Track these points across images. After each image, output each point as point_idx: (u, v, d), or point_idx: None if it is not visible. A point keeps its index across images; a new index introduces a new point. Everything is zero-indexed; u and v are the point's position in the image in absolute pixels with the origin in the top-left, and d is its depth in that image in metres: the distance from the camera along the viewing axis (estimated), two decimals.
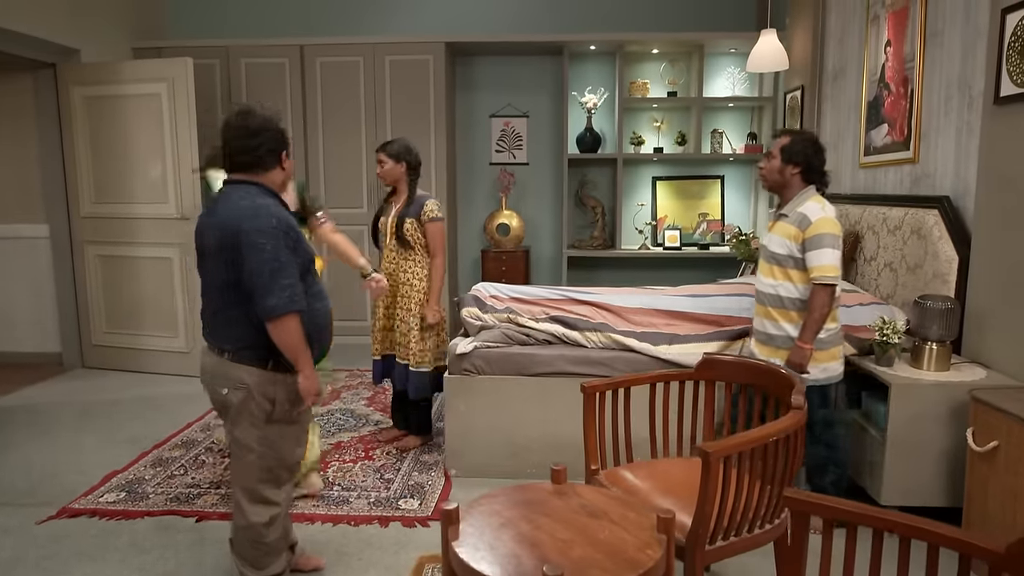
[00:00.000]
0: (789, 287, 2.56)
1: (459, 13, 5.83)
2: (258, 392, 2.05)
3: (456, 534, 1.53)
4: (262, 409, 2.07)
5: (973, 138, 2.97)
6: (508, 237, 5.72)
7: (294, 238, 2.01)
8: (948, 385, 2.56)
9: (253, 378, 2.04)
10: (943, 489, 2.59)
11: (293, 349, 2.00)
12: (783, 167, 2.58)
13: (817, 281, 2.44)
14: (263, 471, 2.12)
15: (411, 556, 2.56)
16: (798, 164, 2.55)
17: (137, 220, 4.83)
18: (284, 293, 1.94)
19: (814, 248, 2.45)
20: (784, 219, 2.58)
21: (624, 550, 1.46)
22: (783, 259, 2.55)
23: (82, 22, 4.87)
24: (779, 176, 2.60)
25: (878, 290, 3.52)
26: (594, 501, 1.68)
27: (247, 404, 2.06)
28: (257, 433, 2.08)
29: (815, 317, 2.45)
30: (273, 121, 2.07)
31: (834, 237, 2.46)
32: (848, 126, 4.17)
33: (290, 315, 1.96)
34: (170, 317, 4.84)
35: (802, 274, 2.52)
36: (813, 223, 2.46)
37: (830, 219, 2.48)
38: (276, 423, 2.10)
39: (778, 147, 2.60)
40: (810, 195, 2.57)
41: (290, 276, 1.96)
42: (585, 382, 2.28)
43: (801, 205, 2.54)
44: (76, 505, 2.95)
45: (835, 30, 4.38)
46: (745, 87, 5.63)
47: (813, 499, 1.45)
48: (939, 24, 3.23)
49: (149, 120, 4.69)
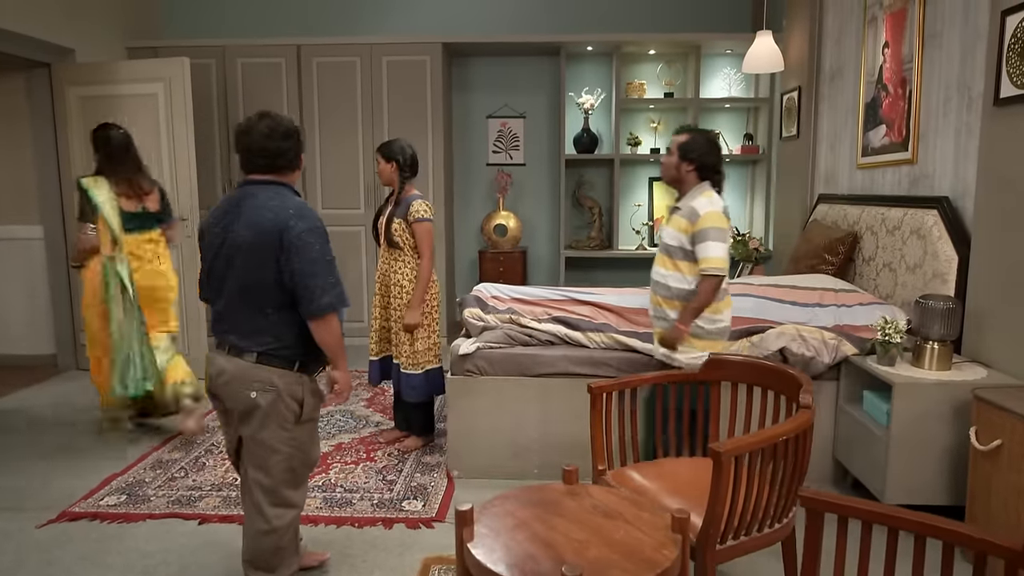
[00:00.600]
0: (678, 277, 2.67)
1: (455, 14, 5.83)
2: (287, 394, 2.07)
3: (471, 535, 1.53)
4: (291, 410, 2.09)
5: (972, 139, 3.00)
6: (505, 238, 5.72)
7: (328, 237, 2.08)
8: (950, 384, 2.57)
9: (282, 380, 2.05)
10: (946, 487, 2.61)
11: (335, 346, 2.08)
12: (679, 164, 2.69)
13: (704, 272, 2.55)
14: (288, 472, 2.13)
15: (416, 558, 2.56)
16: (692, 161, 2.66)
17: None
18: (335, 290, 2.02)
19: (701, 241, 2.56)
20: (678, 212, 2.69)
21: (640, 550, 1.46)
22: (674, 251, 2.67)
23: (77, 22, 4.83)
24: (676, 172, 2.71)
25: (877, 290, 3.54)
26: (607, 501, 1.68)
27: (276, 406, 2.06)
28: (286, 435, 2.10)
29: (697, 303, 2.59)
30: (296, 125, 2.16)
31: (719, 230, 2.56)
32: (846, 127, 4.20)
33: (336, 313, 2.04)
34: None
35: (690, 265, 2.64)
36: (701, 216, 2.57)
37: (716, 213, 2.57)
38: (304, 423, 2.13)
39: (676, 144, 2.71)
40: (702, 190, 2.66)
41: (336, 273, 2.05)
42: (592, 382, 2.29)
43: (693, 200, 2.64)
44: (76, 509, 2.93)
45: (832, 31, 4.40)
46: (741, 88, 5.66)
47: (828, 498, 1.45)
48: (938, 26, 3.25)
49: (146, 121, 4.64)
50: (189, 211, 4.62)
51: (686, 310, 2.60)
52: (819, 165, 4.59)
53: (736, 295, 3.40)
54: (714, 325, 2.68)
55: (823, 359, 2.96)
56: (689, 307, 2.60)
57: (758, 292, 3.41)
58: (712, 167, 2.67)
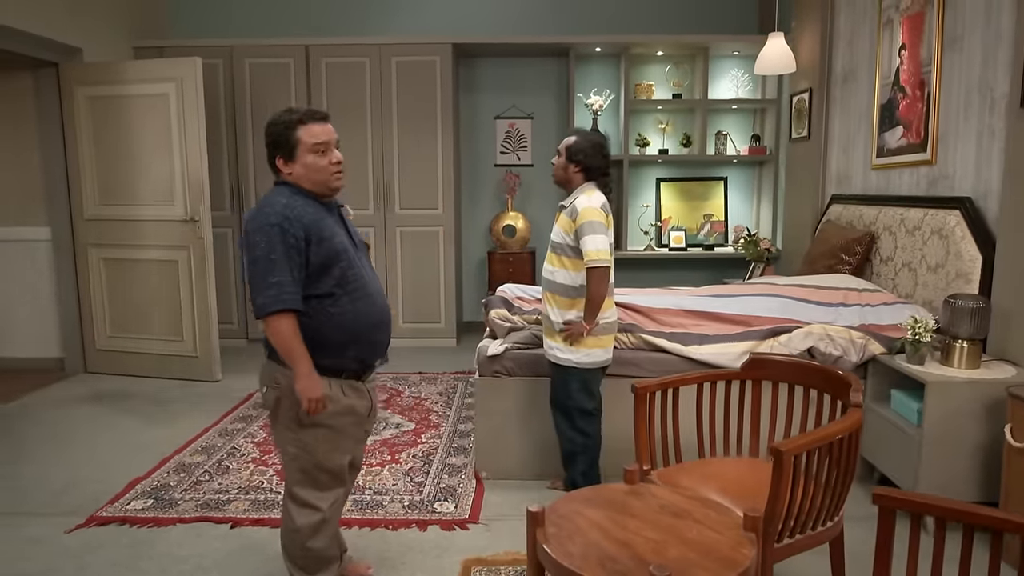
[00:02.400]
0: (563, 274, 2.74)
1: (463, 14, 5.82)
2: (289, 392, 2.00)
3: (545, 536, 1.53)
4: (294, 410, 2.02)
5: (995, 141, 3.04)
6: (514, 239, 5.72)
7: (301, 235, 1.91)
8: (981, 383, 2.61)
9: (286, 379, 2.00)
10: (978, 484, 2.64)
11: (284, 350, 1.92)
12: (567, 165, 2.76)
13: (588, 265, 2.60)
14: (300, 473, 2.09)
15: (454, 560, 2.55)
16: (579, 163, 2.73)
17: (142, 222, 4.75)
18: (270, 291, 1.88)
19: (583, 235, 2.62)
20: (563, 211, 2.77)
21: (718, 549, 1.47)
22: (560, 248, 2.75)
23: (84, 21, 4.77)
24: (563, 173, 2.79)
25: (896, 290, 3.58)
26: (674, 501, 1.69)
27: (280, 405, 2.04)
28: (291, 435, 2.05)
29: (589, 298, 2.63)
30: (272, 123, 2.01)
31: (596, 224, 2.62)
32: (859, 128, 4.24)
33: (278, 315, 1.89)
34: (176, 320, 4.77)
35: (573, 262, 2.71)
36: (580, 212, 2.65)
37: (594, 208, 2.65)
38: (309, 427, 2.04)
39: (564, 147, 2.78)
40: (584, 190, 2.73)
41: (280, 274, 1.88)
42: (637, 382, 2.29)
43: (575, 199, 2.72)
44: (104, 513, 2.90)
45: (844, 33, 4.45)
46: (748, 90, 5.70)
47: (901, 495, 1.47)
48: (958, 29, 3.30)
49: (156, 121, 4.61)
50: (201, 212, 4.58)
51: (585, 310, 2.66)
52: (831, 166, 4.63)
53: (760, 295, 3.43)
54: (602, 321, 2.72)
55: (851, 358, 2.99)
56: (586, 306, 2.65)
57: (782, 292, 3.43)
58: (598, 169, 2.74)
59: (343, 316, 2.01)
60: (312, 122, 1.99)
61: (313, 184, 2.02)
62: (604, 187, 2.79)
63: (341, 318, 2.00)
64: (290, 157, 2.00)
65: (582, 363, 2.71)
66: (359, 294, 2.04)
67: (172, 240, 4.70)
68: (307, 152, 1.99)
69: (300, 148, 1.99)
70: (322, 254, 1.95)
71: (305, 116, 1.99)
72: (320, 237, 1.95)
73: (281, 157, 2.01)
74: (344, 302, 2.01)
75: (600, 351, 2.72)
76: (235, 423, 3.94)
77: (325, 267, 1.97)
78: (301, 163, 2.00)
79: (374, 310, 2.09)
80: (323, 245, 1.95)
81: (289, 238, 1.90)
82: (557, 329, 2.75)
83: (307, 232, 1.93)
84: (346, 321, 2.01)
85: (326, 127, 2.03)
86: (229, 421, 3.97)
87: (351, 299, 2.02)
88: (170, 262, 4.73)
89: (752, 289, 3.56)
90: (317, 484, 2.11)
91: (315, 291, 1.98)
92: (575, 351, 2.71)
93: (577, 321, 2.69)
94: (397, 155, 5.48)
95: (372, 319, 2.09)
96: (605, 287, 2.63)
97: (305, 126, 1.98)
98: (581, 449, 2.78)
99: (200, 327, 4.72)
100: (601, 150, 2.77)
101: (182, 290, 4.73)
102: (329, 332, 2.00)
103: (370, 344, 2.11)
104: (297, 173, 2.01)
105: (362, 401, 2.13)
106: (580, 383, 2.74)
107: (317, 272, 1.96)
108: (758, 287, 3.58)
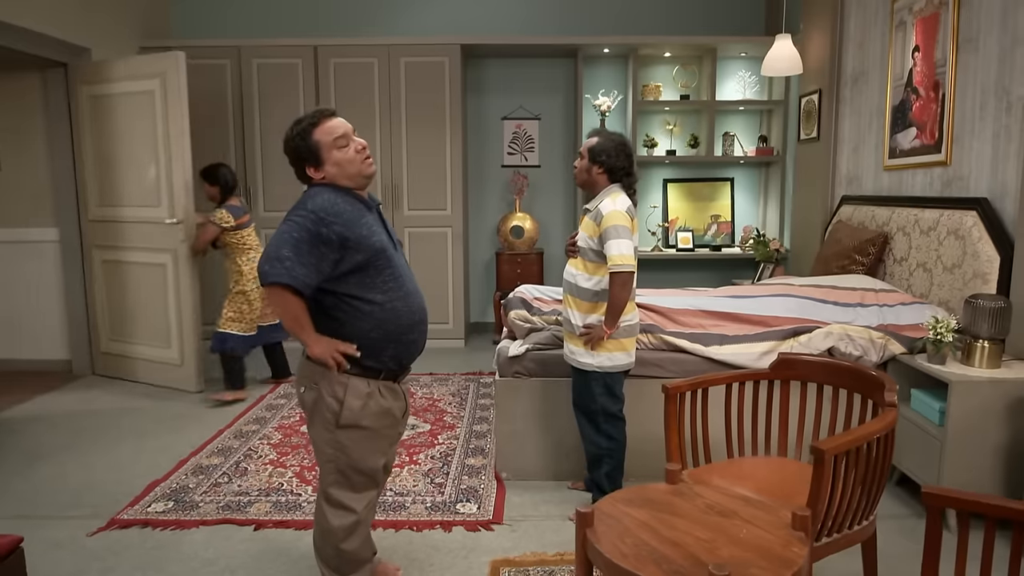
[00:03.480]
0: (585, 277, 2.71)
1: (470, 15, 5.83)
2: (327, 393, 2.00)
3: (596, 536, 1.53)
4: (331, 410, 2.01)
5: (1012, 142, 3.06)
6: (522, 239, 5.72)
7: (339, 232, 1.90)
8: (1004, 382, 2.63)
9: (324, 378, 2.00)
10: (1000, 482, 2.66)
11: (289, 320, 1.93)
12: (590, 167, 2.73)
13: (612, 270, 2.58)
14: (336, 474, 2.08)
15: (482, 560, 2.55)
16: (601, 164, 2.70)
17: (132, 224, 4.61)
18: (280, 264, 1.87)
19: (607, 240, 2.60)
20: (588, 215, 2.73)
21: (771, 548, 1.47)
22: (584, 251, 2.72)
23: (92, 20, 4.75)
24: (587, 175, 2.75)
25: (911, 290, 3.61)
26: (719, 501, 1.70)
27: (318, 405, 2.03)
28: (328, 436, 2.04)
29: (612, 303, 2.61)
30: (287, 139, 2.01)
31: (621, 228, 2.59)
32: (871, 129, 4.26)
33: (282, 288, 1.88)
34: (163, 327, 4.60)
35: (596, 266, 2.68)
36: (604, 217, 2.62)
37: (619, 212, 2.61)
38: (346, 428, 2.03)
39: (586, 148, 2.74)
40: (609, 192, 2.69)
41: (297, 255, 1.87)
42: (667, 382, 2.30)
43: (600, 202, 2.68)
44: (125, 516, 2.88)
45: (855, 35, 4.47)
46: (755, 91, 5.72)
47: (951, 493, 1.48)
48: (973, 31, 3.32)
49: (143, 119, 4.47)
50: (183, 213, 4.39)
51: (607, 314, 2.63)
52: (840, 167, 4.66)
53: (778, 295, 3.45)
54: (623, 324, 2.70)
55: (871, 358, 3.01)
56: (607, 310, 2.63)
57: (799, 292, 3.45)
58: (622, 169, 2.71)
59: (383, 315, 2.00)
60: (323, 120, 2.00)
61: (348, 178, 2.02)
62: (628, 187, 2.76)
63: (381, 317, 1.99)
64: (318, 162, 2.00)
65: (604, 367, 2.71)
66: (399, 293, 2.03)
67: (159, 243, 4.49)
68: (331, 150, 1.99)
69: (323, 149, 1.99)
70: (363, 252, 1.95)
71: (314, 117, 2.01)
72: (359, 235, 1.94)
73: (310, 166, 2.01)
74: (383, 301, 2.00)
75: (622, 354, 2.72)
76: (249, 424, 3.93)
77: (365, 266, 1.96)
78: (330, 163, 2.00)
79: (412, 309, 2.08)
80: (363, 244, 1.95)
81: (323, 229, 1.90)
82: (578, 333, 2.74)
83: (347, 230, 1.92)
84: (386, 321, 2.00)
85: (338, 120, 2.04)
86: (243, 423, 3.96)
87: (390, 298, 2.01)
88: (157, 266, 4.55)
89: (769, 290, 3.57)
90: (352, 485, 2.10)
91: (355, 291, 1.97)
92: (597, 355, 2.70)
93: (598, 325, 2.67)
94: (405, 156, 5.47)
95: (411, 319, 2.07)
96: (628, 292, 2.62)
97: (318, 127, 1.99)
98: (607, 453, 2.78)
99: (186, 335, 4.52)
100: (624, 150, 2.73)
101: (168, 295, 4.54)
102: (369, 332, 1.99)
103: (408, 344, 2.10)
104: (330, 174, 2.01)
105: (398, 403, 2.13)
106: (603, 387, 2.74)
107: (357, 270, 1.96)
108: (775, 287, 3.60)
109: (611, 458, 2.78)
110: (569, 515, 2.86)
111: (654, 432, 3.07)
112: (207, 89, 5.36)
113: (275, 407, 4.23)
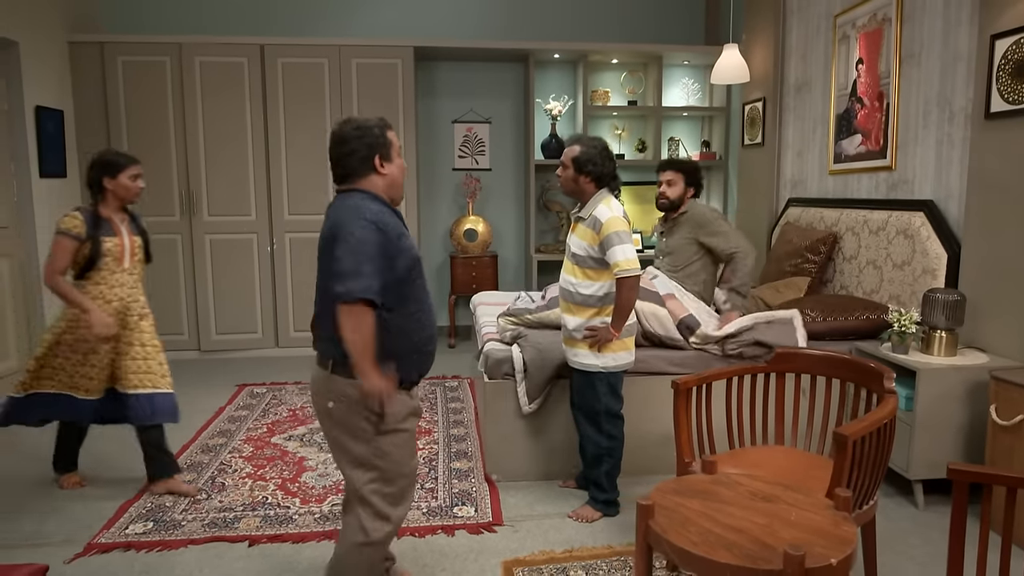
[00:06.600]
0: (587, 284, 2.74)
1: (421, 18, 5.80)
2: (362, 405, 1.97)
3: (662, 527, 1.58)
4: (369, 421, 1.99)
5: (954, 148, 3.34)
6: (475, 242, 5.74)
7: (392, 239, 1.93)
8: (964, 368, 2.87)
9: (354, 390, 1.96)
10: (962, 458, 2.90)
11: (361, 343, 1.85)
12: (576, 176, 2.75)
13: (619, 275, 2.62)
14: (380, 483, 2.04)
15: (492, 562, 2.56)
16: (589, 174, 2.73)
17: None
18: (363, 280, 1.83)
19: (610, 246, 2.63)
20: (582, 222, 2.75)
21: (824, 528, 1.57)
22: (582, 260, 2.73)
23: (18, 12, 4.42)
24: (574, 185, 2.78)
25: (861, 286, 3.87)
26: (759, 488, 1.78)
27: (351, 417, 1.99)
28: (367, 447, 2.00)
29: (620, 305, 2.64)
30: (365, 127, 2.01)
31: (623, 233, 2.63)
32: (815, 135, 4.54)
33: (364, 305, 1.84)
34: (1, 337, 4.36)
35: (597, 272, 2.72)
36: (603, 224, 2.64)
37: (617, 218, 2.65)
38: (387, 433, 2.02)
39: (569, 159, 2.76)
40: (601, 198, 2.73)
41: (371, 266, 1.85)
42: (676, 378, 2.39)
43: (594, 209, 2.71)
44: (102, 540, 2.71)
45: (797, 47, 4.74)
46: (698, 98, 5.96)
47: (976, 469, 1.61)
48: (915, 47, 3.60)
49: None
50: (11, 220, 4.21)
51: (614, 317, 2.67)
52: (785, 171, 4.93)
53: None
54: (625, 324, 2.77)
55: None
56: (615, 313, 2.66)
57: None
58: (609, 174, 2.74)
59: (412, 326, 2.01)
60: (390, 127, 2.07)
61: (396, 187, 2.07)
62: (614, 190, 2.79)
63: (414, 327, 2.00)
64: (388, 158, 2.02)
65: (609, 367, 2.75)
66: (426, 305, 2.06)
67: None
68: (397, 155, 2.06)
69: (393, 150, 2.04)
70: (405, 264, 1.95)
71: (383, 121, 2.06)
72: (400, 248, 1.94)
73: (382, 159, 2.01)
74: (415, 311, 2.01)
75: (625, 353, 2.78)
76: (215, 438, 3.76)
77: (405, 279, 1.97)
78: (396, 164, 2.05)
79: (432, 320, 2.11)
80: (403, 256, 1.95)
81: (382, 237, 1.89)
82: (580, 337, 2.77)
83: (400, 241, 1.94)
84: (415, 331, 2.02)
85: None
86: (208, 436, 3.79)
87: (419, 308, 2.03)
88: None
89: None
90: (397, 492, 2.08)
91: (395, 302, 1.96)
92: (602, 356, 2.74)
93: (603, 327, 2.70)
94: None
95: (432, 330, 2.11)
96: (636, 295, 2.66)
97: (390, 130, 2.06)
98: (607, 452, 2.83)
99: None
100: (608, 155, 2.76)
101: (5, 303, 4.32)
102: (403, 342, 2.00)
103: (428, 355, 2.12)
104: (392, 174, 2.05)
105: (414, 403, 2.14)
106: (608, 387, 2.78)
107: (399, 283, 1.95)
108: None
109: (611, 456, 2.84)
110: (568, 513, 2.91)
111: (643, 429, 3.18)
112: (145, 87, 5.10)
113: (237, 419, 4.07)
